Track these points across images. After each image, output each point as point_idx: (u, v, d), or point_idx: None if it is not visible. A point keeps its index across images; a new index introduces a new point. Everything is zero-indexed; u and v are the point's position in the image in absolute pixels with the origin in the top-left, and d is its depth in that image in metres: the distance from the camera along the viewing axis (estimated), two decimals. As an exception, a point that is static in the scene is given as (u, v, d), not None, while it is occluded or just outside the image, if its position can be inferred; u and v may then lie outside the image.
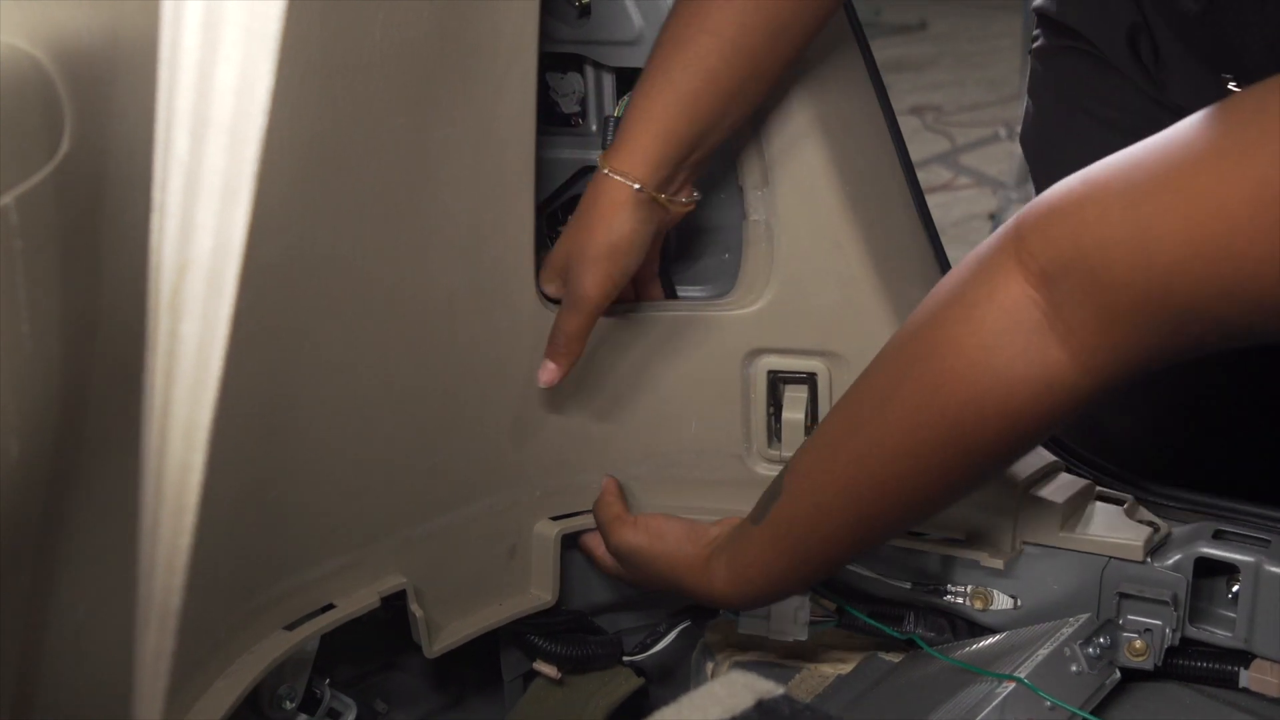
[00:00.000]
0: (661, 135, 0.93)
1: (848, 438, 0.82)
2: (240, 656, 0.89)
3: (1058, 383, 0.71)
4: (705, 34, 0.91)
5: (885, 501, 0.82)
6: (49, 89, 0.60)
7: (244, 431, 0.81)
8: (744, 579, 0.92)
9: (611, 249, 0.95)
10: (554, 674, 1.12)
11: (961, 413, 0.74)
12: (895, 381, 0.78)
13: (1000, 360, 0.72)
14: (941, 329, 0.75)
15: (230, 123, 0.49)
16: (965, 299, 0.74)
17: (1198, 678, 0.95)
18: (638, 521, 1.02)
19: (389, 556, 0.99)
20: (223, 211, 0.50)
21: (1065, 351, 0.70)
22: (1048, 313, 0.70)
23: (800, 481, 0.86)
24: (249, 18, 0.48)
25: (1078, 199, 0.70)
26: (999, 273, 0.72)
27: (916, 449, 0.78)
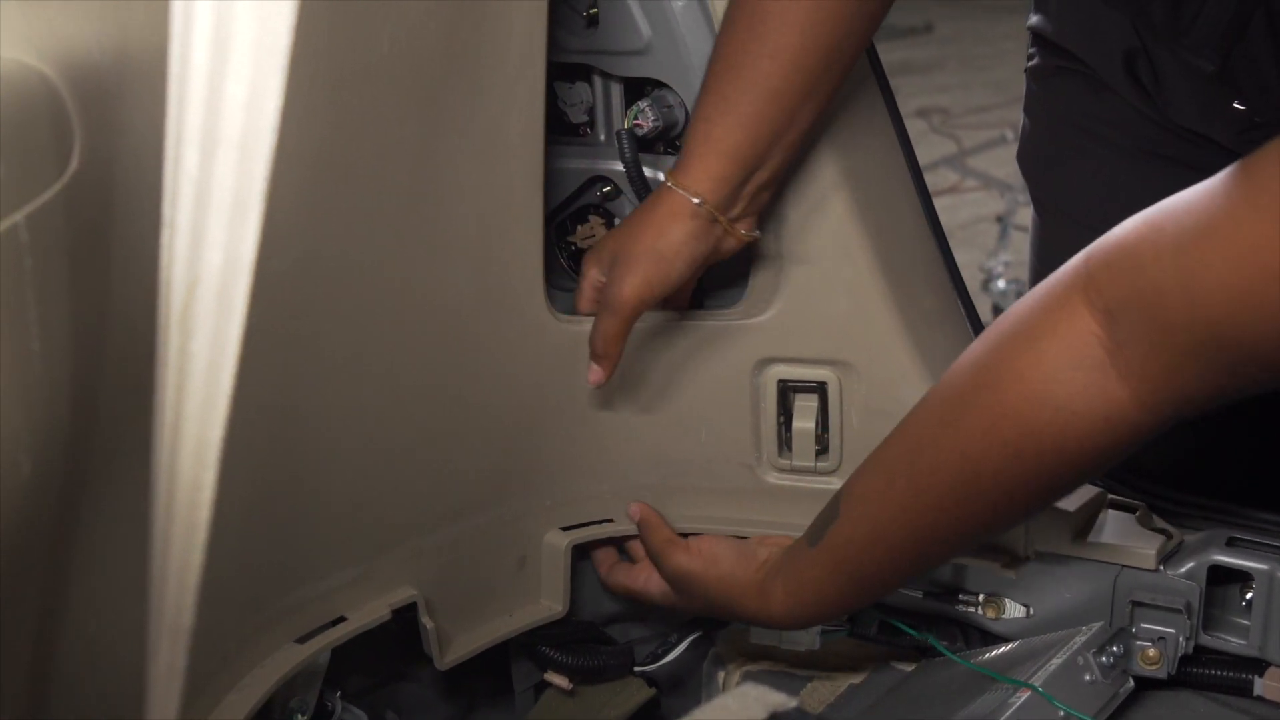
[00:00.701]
0: (724, 154, 0.93)
1: (906, 462, 0.83)
2: (252, 670, 0.89)
3: (1117, 418, 0.72)
4: (765, 58, 0.91)
5: (941, 526, 0.82)
6: (58, 106, 0.60)
7: (254, 446, 0.81)
8: (801, 601, 0.92)
9: (658, 256, 0.95)
10: (565, 685, 1.12)
11: (1022, 443, 0.75)
12: (957, 408, 0.79)
13: (1062, 393, 0.73)
14: (1006, 359, 0.76)
15: (240, 138, 0.49)
16: (1031, 330, 0.75)
17: (1212, 686, 0.95)
18: (690, 546, 1.02)
19: (399, 568, 0.99)
20: (232, 227, 0.50)
21: (1126, 388, 0.71)
22: (1110, 350, 0.71)
23: (857, 505, 0.86)
24: (258, 32, 0.48)
25: (1137, 239, 0.70)
26: (1066, 307, 0.73)
27: (975, 476, 0.78)
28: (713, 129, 0.93)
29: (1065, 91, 1.20)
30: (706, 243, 0.96)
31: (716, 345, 1.06)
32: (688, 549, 1.01)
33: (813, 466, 1.06)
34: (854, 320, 1.03)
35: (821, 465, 1.06)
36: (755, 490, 1.08)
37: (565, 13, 1.01)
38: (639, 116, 1.02)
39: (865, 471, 0.87)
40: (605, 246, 0.99)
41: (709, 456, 1.09)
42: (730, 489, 1.09)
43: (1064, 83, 1.20)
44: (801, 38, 0.91)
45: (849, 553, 0.87)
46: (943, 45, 6.94)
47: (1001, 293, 3.49)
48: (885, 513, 0.84)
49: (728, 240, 0.97)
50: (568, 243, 1.11)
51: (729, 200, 0.95)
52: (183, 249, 0.50)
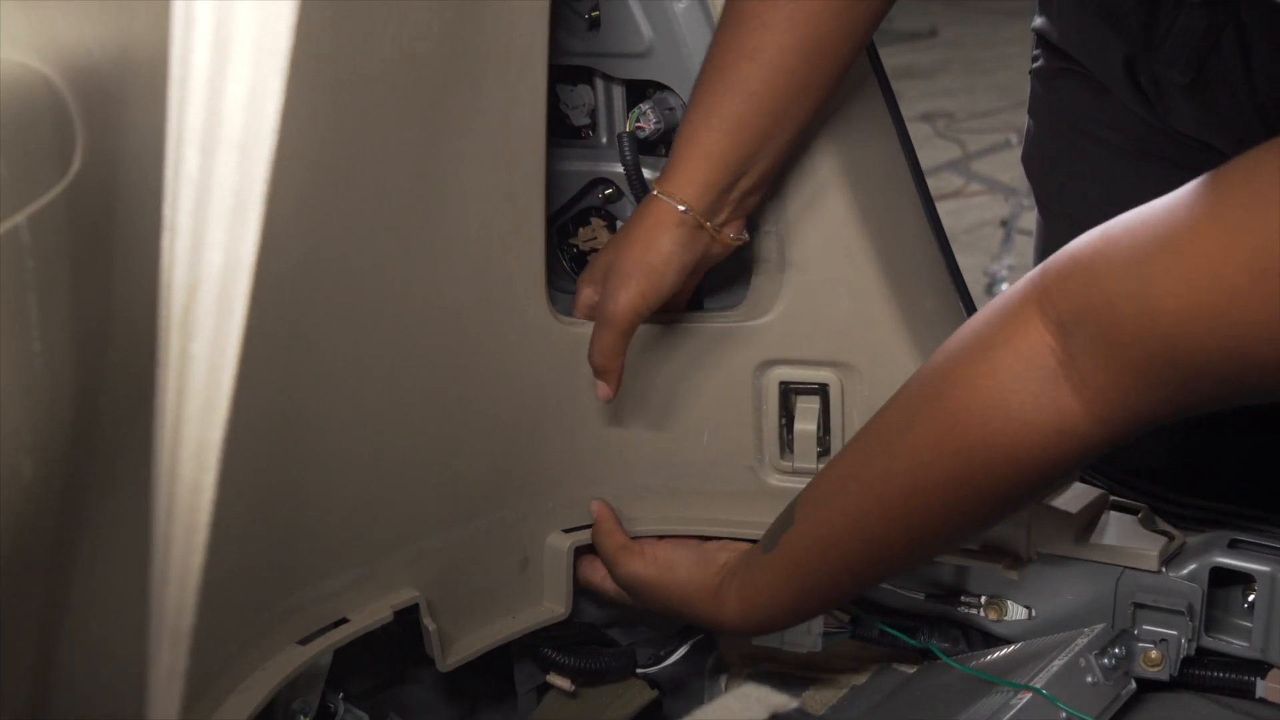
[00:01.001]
0: (708, 160, 0.93)
1: (860, 469, 0.83)
2: (253, 671, 0.89)
3: (1069, 430, 0.72)
4: (744, 59, 0.91)
5: (894, 535, 0.82)
6: (60, 107, 0.60)
7: (256, 448, 0.82)
8: (754, 607, 0.92)
9: (649, 267, 0.95)
10: (567, 687, 1.12)
11: (972, 452, 0.75)
12: (910, 416, 0.79)
13: (1014, 403, 0.73)
14: (959, 367, 0.76)
15: (240, 140, 0.49)
16: (985, 340, 0.75)
17: (1214, 688, 0.95)
18: (644, 551, 1.02)
19: (401, 569, 0.99)
20: (233, 229, 0.50)
21: (1078, 400, 0.71)
22: (1063, 361, 0.71)
23: (812, 512, 0.87)
24: (259, 34, 0.48)
25: (1092, 252, 0.70)
26: (1020, 318, 0.73)
27: (926, 485, 0.78)
28: (696, 134, 0.93)
29: (1069, 93, 1.20)
30: (695, 250, 0.96)
31: (718, 347, 1.06)
32: (642, 555, 1.02)
33: (815, 468, 1.06)
34: (856, 322, 1.03)
35: (823, 467, 1.06)
36: (757, 492, 1.09)
37: (567, 15, 1.01)
38: (641, 119, 1.02)
39: (821, 479, 0.88)
40: (598, 263, 1.00)
41: (711, 459, 1.09)
42: (732, 491, 1.09)
43: (1067, 85, 1.20)
44: (780, 38, 0.90)
45: (802, 559, 0.87)
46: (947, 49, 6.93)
47: (1005, 296, 3.48)
48: (838, 520, 0.84)
49: (714, 246, 0.97)
50: (570, 245, 1.11)
51: (714, 206, 0.95)
52: (183, 251, 0.50)
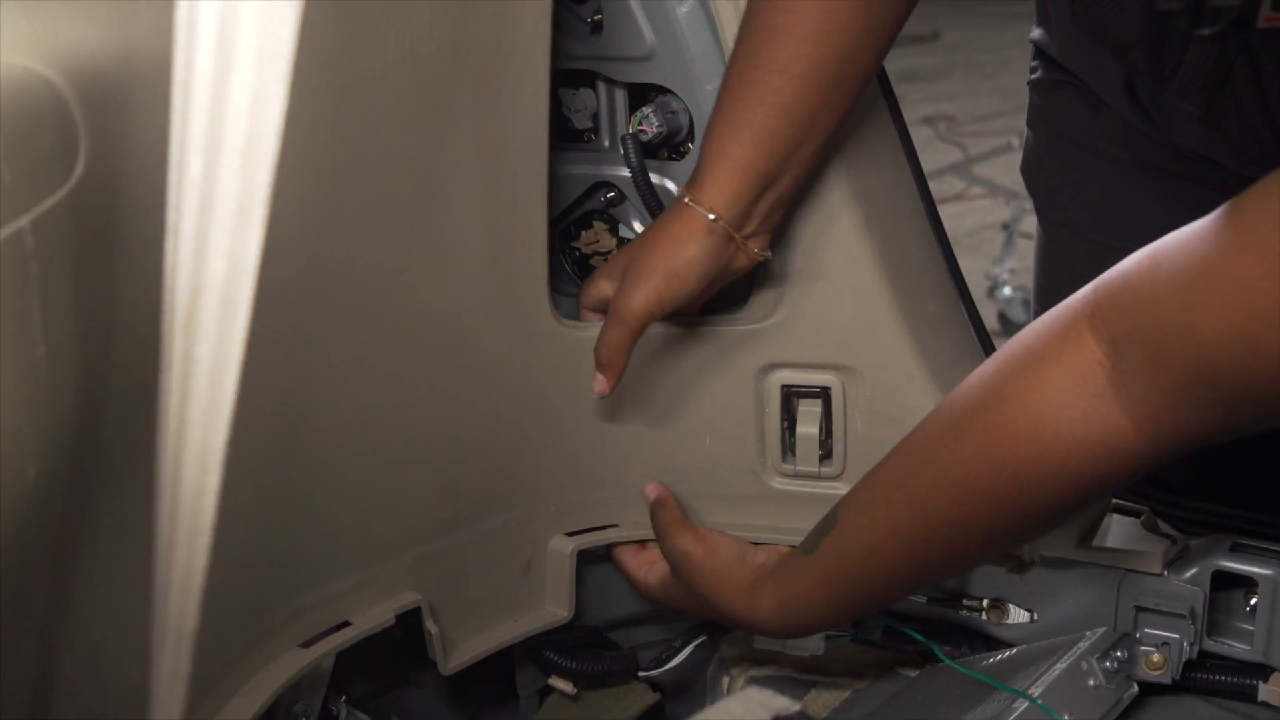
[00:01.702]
0: (738, 170, 0.93)
1: (907, 478, 0.82)
2: (256, 674, 0.89)
3: (1118, 448, 0.72)
4: (776, 73, 0.91)
5: (938, 545, 0.82)
6: (64, 111, 0.60)
7: (258, 451, 0.82)
8: (790, 609, 0.91)
9: (670, 271, 0.94)
10: (569, 690, 1.12)
11: (1020, 466, 0.75)
12: (958, 427, 0.79)
13: (1063, 419, 0.73)
14: (1009, 381, 0.76)
15: (243, 145, 0.49)
16: (1037, 355, 0.75)
17: (1216, 691, 0.95)
18: (699, 532, 1.01)
19: (404, 573, 0.99)
20: (236, 234, 0.50)
21: (1128, 418, 0.71)
22: (1114, 379, 0.71)
23: (855, 517, 0.86)
24: (262, 39, 0.48)
25: (1139, 273, 0.70)
26: (1072, 334, 0.73)
27: (971, 497, 0.78)
28: (726, 144, 0.93)
29: (1067, 106, 1.20)
30: (720, 260, 0.96)
31: (721, 351, 1.06)
32: (695, 533, 1.00)
33: (816, 472, 1.06)
34: (858, 326, 1.03)
35: (825, 471, 1.06)
36: (759, 495, 1.09)
37: (569, 19, 1.01)
38: (643, 122, 1.02)
39: (866, 484, 0.87)
40: (619, 259, 0.99)
41: (713, 462, 1.10)
42: (735, 494, 1.09)
43: (1066, 97, 1.20)
44: (813, 51, 0.90)
45: (843, 564, 0.87)
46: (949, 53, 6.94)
47: (1007, 300, 3.49)
48: (882, 527, 0.84)
49: (739, 258, 0.97)
50: (572, 248, 1.11)
51: (743, 217, 0.95)
52: (186, 255, 0.50)
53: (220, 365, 0.51)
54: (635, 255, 0.97)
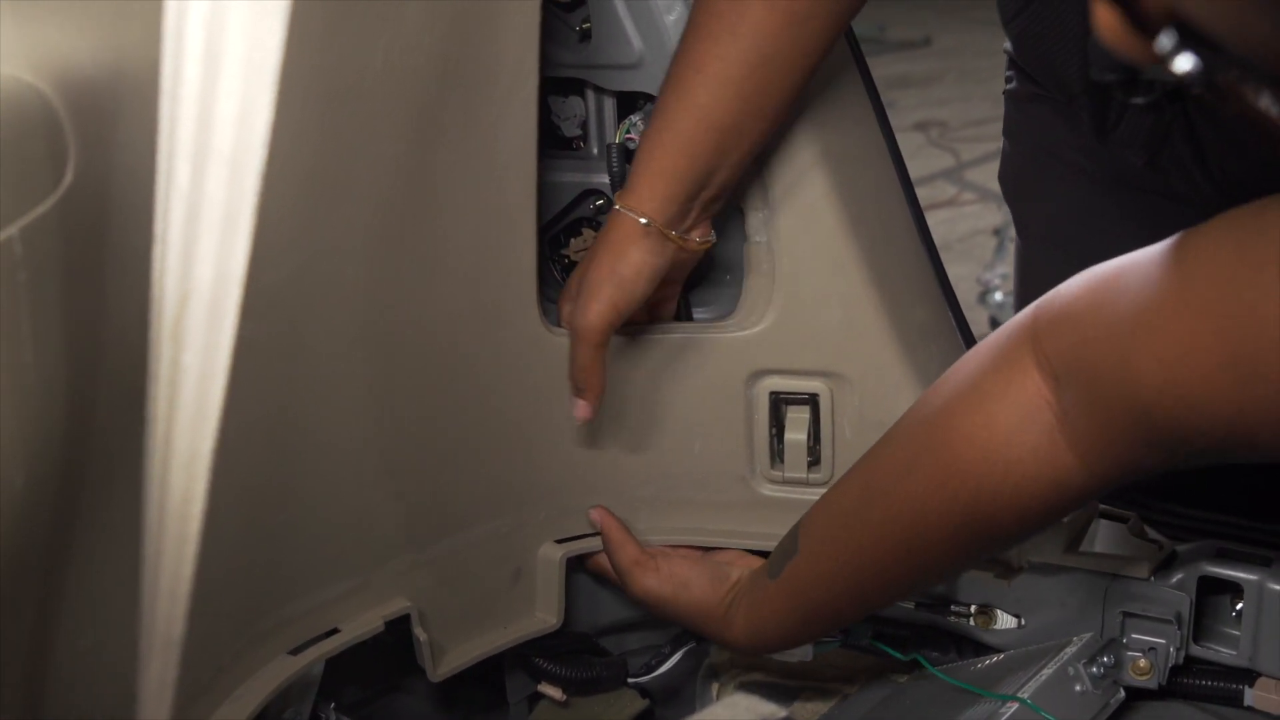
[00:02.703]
0: (664, 174, 0.94)
1: (864, 508, 0.84)
2: (245, 681, 0.89)
3: (1065, 483, 0.73)
4: (691, 70, 0.91)
5: (898, 569, 0.84)
6: (53, 120, 0.61)
7: (247, 458, 0.82)
8: (760, 631, 0.95)
9: (619, 279, 0.95)
10: (559, 696, 1.12)
11: (972, 500, 0.76)
12: (910, 462, 0.80)
13: (1012, 455, 0.74)
14: (957, 417, 0.77)
15: (231, 154, 0.49)
16: (982, 389, 0.76)
17: (1202, 696, 0.95)
18: (659, 568, 1.03)
19: (393, 580, 0.99)
20: (223, 242, 0.50)
21: (1074, 454, 0.72)
22: (1058, 415, 0.72)
23: (816, 545, 0.89)
24: (249, 49, 0.49)
25: (1083, 308, 0.70)
26: (1016, 366, 0.74)
27: (926, 528, 0.80)
28: (655, 150, 0.94)
29: (1041, 118, 1.20)
30: (663, 257, 0.96)
31: (709, 358, 1.07)
32: (657, 571, 1.03)
33: (805, 478, 1.06)
34: (846, 332, 1.03)
35: (814, 477, 1.06)
36: (749, 502, 1.09)
37: (558, 27, 1.01)
38: (631, 130, 1.03)
39: (822, 511, 0.89)
40: (573, 278, 1.01)
41: (702, 468, 1.10)
42: (724, 500, 1.10)
43: (1040, 110, 1.20)
44: (723, 49, 0.90)
45: (806, 588, 0.90)
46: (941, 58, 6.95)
47: (999, 305, 3.49)
48: (841, 555, 0.86)
49: (683, 253, 0.98)
50: (561, 255, 1.12)
51: (677, 216, 0.95)
52: (174, 263, 0.50)
53: (208, 372, 0.51)
54: (583, 274, 0.98)
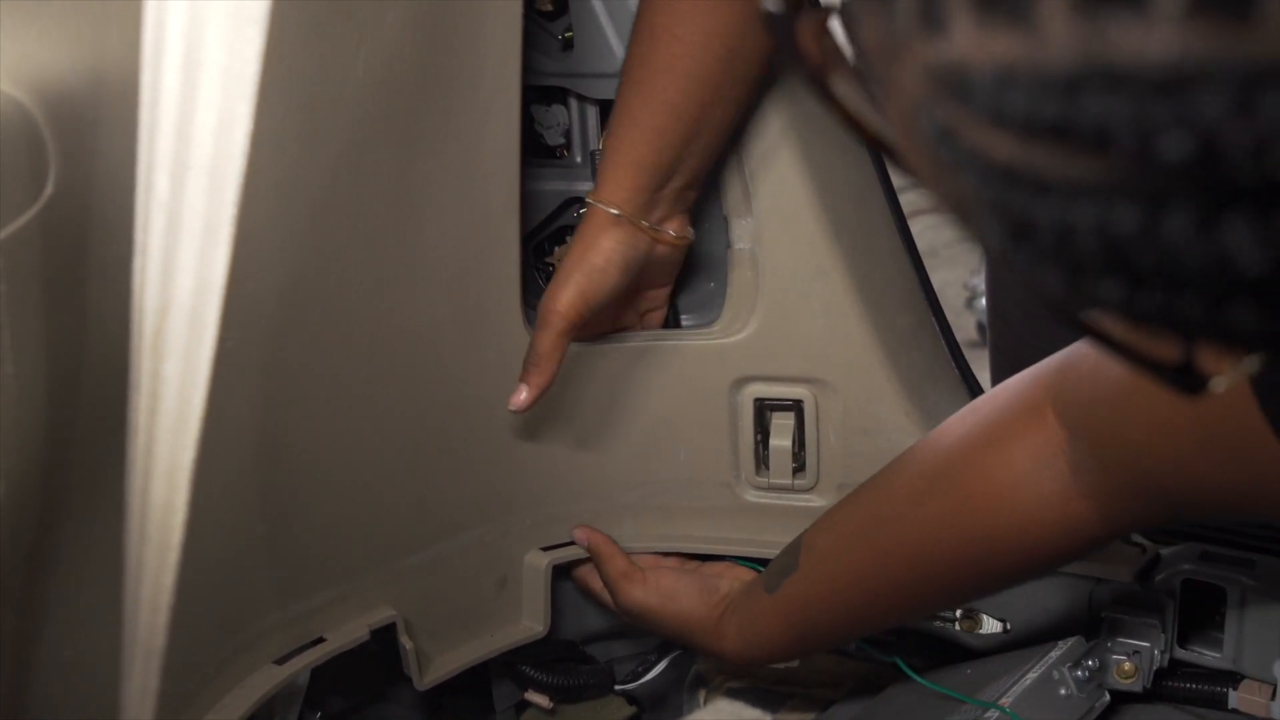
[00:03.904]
0: (632, 167, 0.94)
1: (870, 532, 0.85)
2: (230, 690, 0.89)
3: (1076, 530, 0.74)
4: (661, 73, 0.92)
5: (898, 597, 0.85)
6: (33, 132, 0.61)
7: (228, 468, 0.82)
8: (753, 645, 0.95)
9: (589, 267, 0.96)
10: (545, 704, 1.13)
11: (981, 537, 0.77)
12: (923, 491, 0.81)
13: (1026, 498, 0.74)
14: (975, 454, 0.77)
15: (210, 164, 0.49)
16: (1003, 428, 0.76)
17: (1187, 699, 0.95)
18: (647, 579, 1.03)
19: (379, 588, 0.99)
20: (203, 252, 0.50)
21: (1086, 503, 0.72)
22: (1072, 465, 0.72)
23: (818, 563, 0.89)
24: (228, 59, 0.49)
25: (1088, 367, 0.71)
26: (1036, 413, 0.74)
27: (932, 559, 0.80)
28: (620, 142, 0.95)
29: None
30: (637, 248, 0.97)
31: (694, 365, 1.07)
32: (644, 583, 1.03)
33: (790, 484, 1.06)
34: (829, 339, 1.03)
35: (799, 483, 1.06)
36: (734, 508, 1.09)
37: (541, 36, 1.02)
38: (615, 138, 1.03)
39: (826, 530, 0.90)
40: None
41: (688, 475, 1.10)
42: (709, 507, 1.10)
43: None
44: (696, 51, 0.91)
45: (803, 606, 0.90)
46: (925, 64, 6.96)
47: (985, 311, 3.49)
48: (842, 576, 0.87)
49: (659, 246, 0.98)
50: (545, 264, 1.11)
51: (647, 206, 0.96)
52: (154, 274, 0.51)
53: (188, 382, 0.51)
54: (559, 268, 0.98)
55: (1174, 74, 0.24)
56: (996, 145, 0.28)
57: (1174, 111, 0.24)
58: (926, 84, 0.29)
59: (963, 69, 0.27)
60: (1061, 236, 0.28)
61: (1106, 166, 0.26)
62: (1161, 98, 0.24)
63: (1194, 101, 0.24)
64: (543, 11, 1.01)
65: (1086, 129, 0.26)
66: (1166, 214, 0.26)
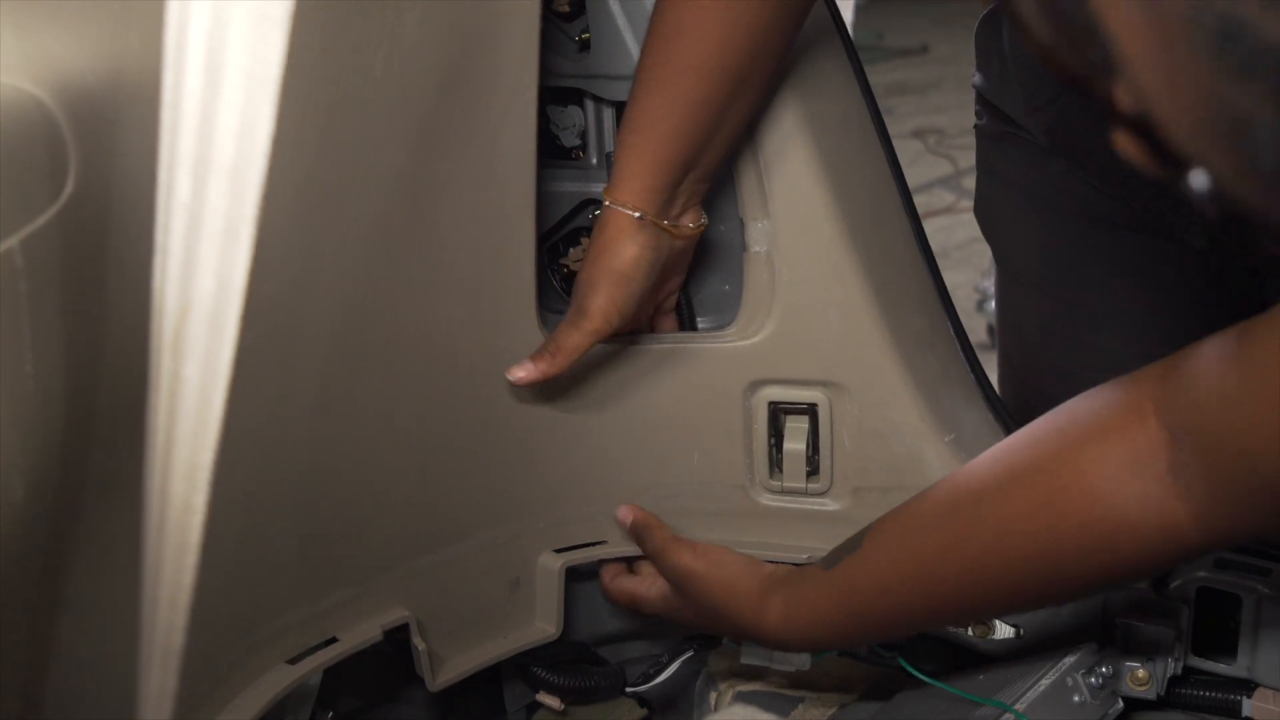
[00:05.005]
0: (655, 165, 0.94)
1: (944, 519, 0.81)
2: (243, 691, 0.89)
3: (1171, 535, 0.71)
4: (686, 71, 0.91)
5: (961, 592, 0.81)
6: (54, 130, 0.61)
7: (247, 470, 0.82)
8: (798, 620, 0.90)
9: (618, 274, 0.96)
10: (557, 705, 1.13)
11: (1066, 534, 0.74)
12: (1009, 481, 0.77)
13: (1119, 497, 0.71)
14: (1069, 447, 0.74)
15: (231, 165, 0.49)
16: (1100, 424, 0.73)
17: (1201, 707, 0.95)
18: (696, 546, 1.00)
19: (392, 589, 0.99)
20: (224, 253, 0.50)
21: (1184, 509, 0.70)
22: (1173, 467, 0.70)
23: (883, 545, 0.85)
24: (250, 60, 0.49)
25: (1198, 376, 0.69)
26: (1137, 411, 0.72)
27: (1009, 552, 0.77)
28: (641, 141, 0.94)
29: (1013, 157, 1.20)
30: (658, 249, 0.97)
31: (708, 368, 1.07)
32: (693, 548, 0.99)
33: (804, 488, 1.06)
34: (844, 342, 1.03)
35: (813, 486, 1.06)
36: (747, 511, 1.09)
37: (558, 38, 1.02)
38: (631, 140, 1.03)
39: (899, 516, 0.86)
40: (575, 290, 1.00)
41: (702, 478, 1.10)
42: (723, 510, 1.10)
43: (1011, 148, 1.19)
44: (721, 50, 0.91)
45: (859, 588, 0.86)
46: (939, 66, 6.96)
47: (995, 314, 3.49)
48: (908, 562, 0.83)
49: (676, 240, 0.98)
50: (560, 265, 1.12)
51: (667, 204, 0.96)
52: (175, 274, 0.50)
53: (208, 383, 0.51)
54: (584, 273, 0.98)
55: None
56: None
57: None
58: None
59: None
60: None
61: None
62: None
63: None
64: (560, 13, 1.01)
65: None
66: None
